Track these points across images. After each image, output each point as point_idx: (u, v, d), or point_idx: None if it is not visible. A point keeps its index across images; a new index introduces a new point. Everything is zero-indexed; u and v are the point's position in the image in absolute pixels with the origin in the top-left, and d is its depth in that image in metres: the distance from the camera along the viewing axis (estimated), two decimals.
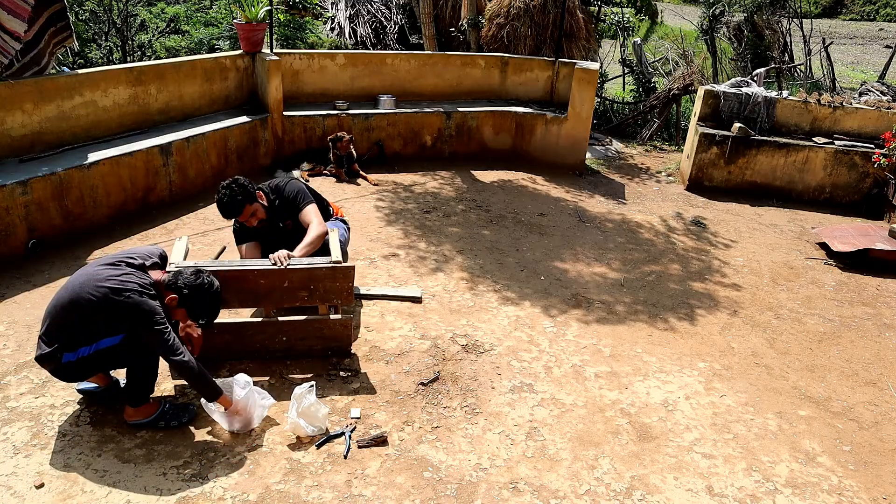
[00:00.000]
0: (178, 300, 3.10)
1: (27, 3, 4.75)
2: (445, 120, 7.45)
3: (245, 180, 3.80)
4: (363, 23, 12.10)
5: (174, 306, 3.11)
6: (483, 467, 3.14)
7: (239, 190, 3.73)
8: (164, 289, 3.11)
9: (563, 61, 8.06)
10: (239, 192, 3.72)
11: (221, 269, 3.46)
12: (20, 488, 2.80)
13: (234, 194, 3.71)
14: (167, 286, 3.11)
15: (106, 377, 3.36)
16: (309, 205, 3.94)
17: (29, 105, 4.97)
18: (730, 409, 3.74)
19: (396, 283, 4.75)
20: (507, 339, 4.20)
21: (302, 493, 2.90)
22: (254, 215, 3.83)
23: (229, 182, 3.76)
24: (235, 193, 3.72)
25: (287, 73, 7.04)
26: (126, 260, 3.10)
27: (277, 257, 3.55)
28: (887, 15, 27.94)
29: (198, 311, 3.17)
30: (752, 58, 12.15)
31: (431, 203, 6.34)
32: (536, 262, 5.31)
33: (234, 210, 3.76)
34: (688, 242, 6.04)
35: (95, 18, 12.68)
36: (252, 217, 3.83)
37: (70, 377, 3.09)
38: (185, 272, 3.15)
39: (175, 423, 3.22)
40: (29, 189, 4.59)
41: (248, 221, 3.85)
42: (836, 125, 7.49)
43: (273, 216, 3.97)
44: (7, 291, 4.24)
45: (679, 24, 18.18)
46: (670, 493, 3.06)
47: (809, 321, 4.80)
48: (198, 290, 3.11)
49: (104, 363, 3.10)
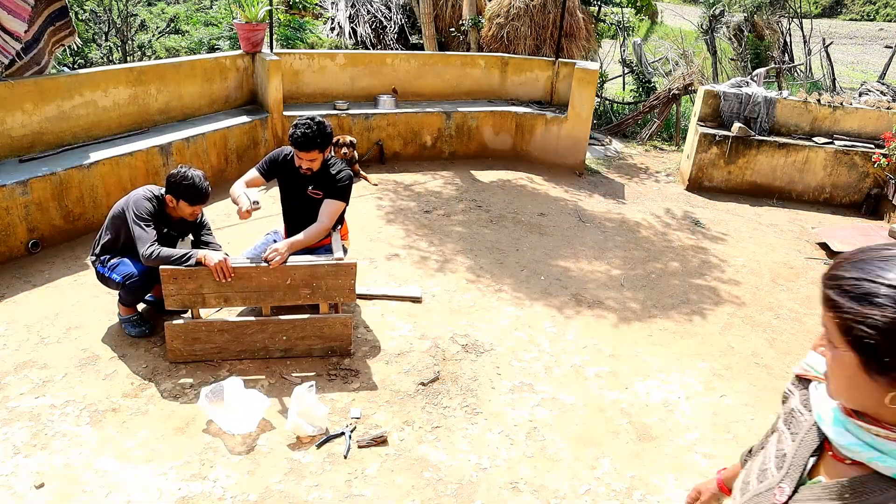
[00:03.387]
0: (173, 196, 3.68)
1: (27, 3, 4.75)
2: (445, 120, 7.45)
3: (330, 128, 3.82)
4: (363, 23, 12.10)
5: (175, 204, 3.70)
6: (483, 467, 3.14)
7: (319, 132, 3.73)
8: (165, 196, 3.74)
9: (563, 61, 8.06)
10: (319, 135, 3.72)
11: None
12: (20, 488, 2.80)
13: (315, 133, 3.71)
14: (165, 192, 3.73)
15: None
16: (339, 200, 3.89)
17: (29, 105, 4.97)
18: (730, 409, 3.74)
19: (397, 283, 4.75)
20: (507, 339, 4.20)
21: (302, 493, 2.90)
22: (312, 161, 3.81)
23: (318, 120, 3.76)
24: (316, 134, 3.71)
25: (287, 73, 7.04)
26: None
27: (270, 255, 3.55)
28: (887, 15, 27.95)
29: (187, 195, 3.67)
30: (752, 58, 12.16)
31: (432, 203, 6.34)
32: (536, 262, 5.31)
33: (305, 144, 3.72)
34: (687, 242, 6.04)
35: (95, 18, 12.68)
36: (309, 162, 3.80)
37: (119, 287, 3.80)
38: (169, 174, 3.72)
39: (128, 331, 3.89)
40: (29, 189, 4.59)
41: (302, 162, 3.80)
42: (836, 125, 7.49)
43: (315, 176, 3.92)
44: (7, 291, 4.24)
45: (679, 24, 18.19)
46: (670, 493, 3.06)
47: (809, 321, 4.80)
48: (173, 178, 3.67)
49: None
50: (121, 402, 3.36)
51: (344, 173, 3.94)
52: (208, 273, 3.45)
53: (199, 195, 3.70)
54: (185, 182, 3.65)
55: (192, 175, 3.67)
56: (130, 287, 3.75)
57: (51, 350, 3.70)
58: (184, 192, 3.66)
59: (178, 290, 3.48)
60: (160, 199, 3.74)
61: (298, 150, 3.76)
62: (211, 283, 3.49)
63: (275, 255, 3.55)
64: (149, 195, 3.71)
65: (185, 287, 3.47)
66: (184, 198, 3.67)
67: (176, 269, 3.44)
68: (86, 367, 3.59)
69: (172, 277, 3.44)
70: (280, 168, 4.02)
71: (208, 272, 3.45)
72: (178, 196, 3.68)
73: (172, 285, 3.46)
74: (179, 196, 3.67)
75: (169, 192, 3.70)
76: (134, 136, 5.71)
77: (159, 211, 3.72)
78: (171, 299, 3.50)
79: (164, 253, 3.50)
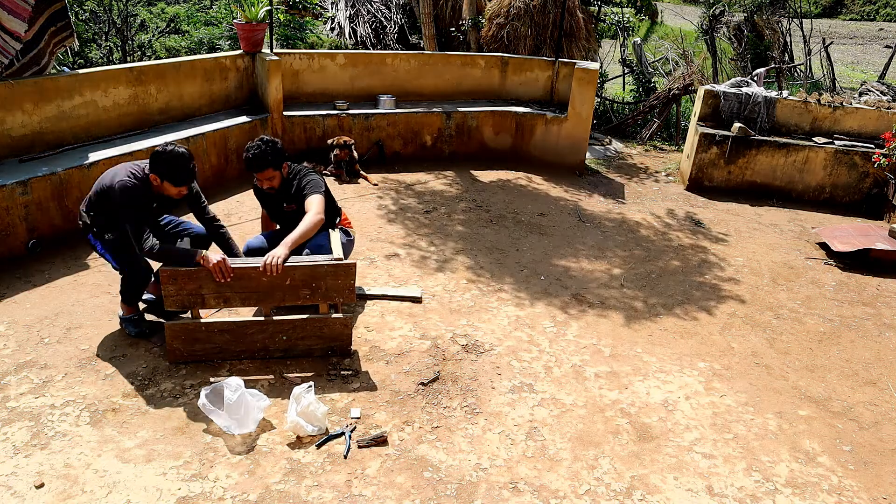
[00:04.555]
0: (157, 175, 3.51)
1: (27, 3, 4.75)
2: (445, 120, 7.45)
3: (280, 145, 3.89)
4: (363, 23, 12.10)
5: (159, 183, 3.53)
6: (483, 467, 3.14)
7: (270, 150, 3.82)
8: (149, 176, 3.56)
9: (563, 61, 8.06)
10: (270, 153, 3.82)
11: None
12: (20, 488, 2.80)
13: (264, 152, 3.81)
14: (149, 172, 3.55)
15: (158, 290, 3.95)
16: (316, 194, 3.90)
17: (29, 105, 4.97)
18: (730, 409, 3.74)
19: (396, 283, 4.75)
20: (507, 339, 4.20)
21: (302, 493, 2.90)
22: (270, 180, 3.91)
23: (267, 139, 3.85)
24: (266, 153, 3.81)
25: (287, 73, 7.04)
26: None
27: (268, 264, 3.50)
28: (887, 15, 27.95)
29: (172, 175, 3.51)
30: (752, 58, 12.15)
31: (432, 203, 6.34)
32: (536, 262, 5.31)
33: (256, 165, 3.83)
34: (687, 242, 6.04)
35: (95, 18, 12.68)
36: (268, 181, 3.91)
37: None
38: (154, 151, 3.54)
39: (128, 331, 3.85)
40: (29, 189, 4.60)
41: (261, 182, 3.93)
42: (836, 125, 7.49)
43: (283, 193, 4.01)
44: (7, 291, 4.24)
45: (679, 24, 18.19)
46: (670, 493, 3.06)
47: (809, 321, 4.80)
48: (158, 156, 3.50)
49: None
50: (121, 402, 3.36)
51: (307, 175, 4.01)
52: (208, 274, 3.45)
53: (184, 175, 3.55)
54: (171, 161, 3.50)
55: (177, 153, 3.51)
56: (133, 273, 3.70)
57: (51, 350, 3.70)
58: (169, 172, 3.51)
59: (178, 291, 3.48)
60: (145, 181, 3.56)
61: (254, 172, 3.90)
62: (210, 284, 3.49)
63: (273, 260, 3.50)
64: (130, 183, 3.48)
65: (185, 287, 3.47)
66: (169, 178, 3.53)
67: (175, 269, 3.43)
68: (86, 367, 3.59)
69: (172, 278, 3.44)
70: (257, 192, 4.21)
71: (208, 273, 3.45)
72: (162, 176, 3.52)
73: (172, 286, 3.45)
74: (164, 176, 3.52)
75: (153, 171, 3.54)
76: (134, 136, 5.71)
77: (146, 192, 3.56)
78: (170, 300, 3.50)
79: (165, 248, 3.50)
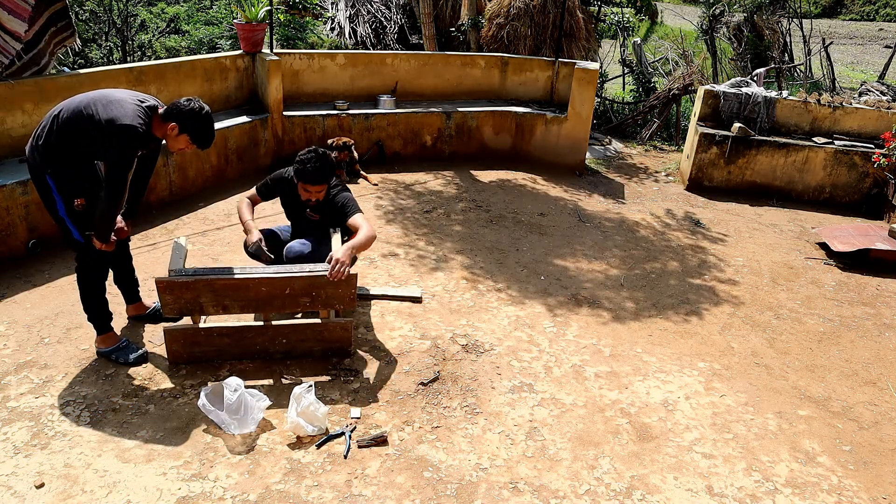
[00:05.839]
0: (179, 128, 3.26)
1: (27, 3, 4.75)
2: (445, 120, 7.45)
3: (332, 160, 3.86)
4: (363, 23, 12.10)
5: (175, 134, 3.28)
6: (483, 467, 3.14)
7: (328, 167, 3.79)
8: (162, 120, 3.28)
9: (563, 61, 8.06)
10: (328, 169, 3.79)
11: (224, 278, 3.46)
12: (20, 488, 2.80)
13: (323, 168, 3.76)
14: (165, 117, 3.28)
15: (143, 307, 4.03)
16: (359, 213, 3.90)
17: (29, 105, 4.97)
18: (730, 408, 3.74)
19: (396, 283, 4.75)
20: (507, 339, 4.20)
21: (302, 493, 2.90)
22: (319, 193, 3.86)
23: (322, 153, 3.80)
24: (325, 169, 3.77)
25: (287, 73, 7.04)
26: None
27: (338, 271, 3.47)
28: (887, 15, 27.94)
29: (197, 134, 3.31)
30: (752, 58, 12.15)
31: (431, 203, 6.34)
32: (536, 262, 5.31)
33: (313, 179, 3.75)
34: (687, 242, 6.04)
35: (95, 18, 12.68)
36: (317, 193, 3.85)
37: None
38: (179, 102, 3.29)
39: (122, 360, 3.60)
40: (29, 189, 4.59)
41: (310, 194, 3.84)
42: (835, 125, 7.49)
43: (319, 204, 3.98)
44: (7, 291, 4.25)
45: (679, 24, 18.19)
46: (670, 493, 3.06)
47: (809, 321, 4.81)
48: (194, 114, 3.27)
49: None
50: (121, 402, 3.36)
51: (340, 196, 3.97)
52: (205, 283, 3.43)
53: (209, 138, 3.36)
54: (206, 124, 3.30)
55: (210, 117, 3.32)
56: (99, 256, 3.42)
57: (51, 350, 3.70)
58: (197, 130, 3.28)
59: (175, 300, 3.46)
60: (150, 125, 3.24)
61: (308, 184, 3.80)
62: (208, 293, 3.47)
63: (340, 266, 3.48)
64: (141, 129, 3.13)
65: (182, 297, 3.45)
66: (193, 135, 3.29)
67: (171, 280, 3.39)
68: (86, 367, 3.59)
69: (168, 288, 3.40)
70: (282, 189, 4.10)
71: (205, 283, 3.41)
72: (186, 129, 3.26)
73: (169, 295, 3.43)
74: (189, 130, 3.26)
75: (175, 121, 3.25)
76: None
77: (146, 133, 3.21)
78: (167, 308, 3.48)
79: (113, 213, 3.28)
